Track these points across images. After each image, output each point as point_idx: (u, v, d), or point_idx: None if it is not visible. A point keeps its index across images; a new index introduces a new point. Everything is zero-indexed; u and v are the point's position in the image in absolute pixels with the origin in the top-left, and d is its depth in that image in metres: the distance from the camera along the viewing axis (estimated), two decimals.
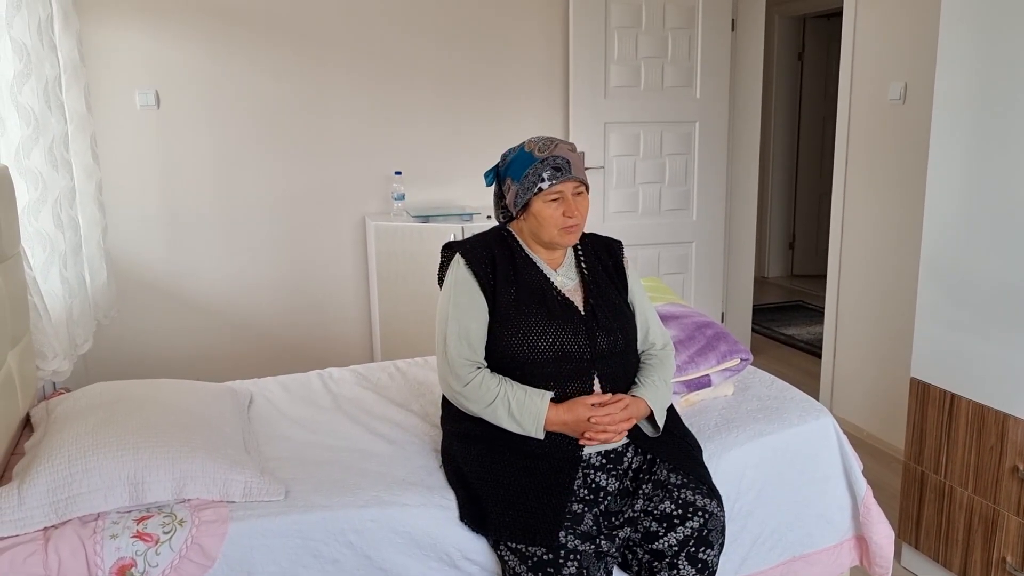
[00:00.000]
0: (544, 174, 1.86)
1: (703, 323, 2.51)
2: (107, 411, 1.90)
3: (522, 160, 1.90)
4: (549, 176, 1.85)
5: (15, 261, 2.13)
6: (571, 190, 1.89)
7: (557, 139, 1.93)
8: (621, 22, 4.16)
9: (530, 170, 1.87)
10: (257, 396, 2.45)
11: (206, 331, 3.87)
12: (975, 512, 2.35)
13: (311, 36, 3.79)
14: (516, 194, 1.90)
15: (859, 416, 3.73)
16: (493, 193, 2.03)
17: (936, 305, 2.42)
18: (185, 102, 3.66)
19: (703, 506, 1.83)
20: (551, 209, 1.87)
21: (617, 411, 1.85)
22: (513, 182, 1.91)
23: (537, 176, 1.86)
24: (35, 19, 2.50)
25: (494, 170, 2.00)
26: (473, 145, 4.15)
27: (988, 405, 2.27)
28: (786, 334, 5.28)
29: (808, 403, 2.34)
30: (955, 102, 2.31)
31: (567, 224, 1.88)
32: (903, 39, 3.35)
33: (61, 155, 2.67)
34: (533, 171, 1.86)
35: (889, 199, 3.48)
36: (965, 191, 2.30)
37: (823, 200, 6.69)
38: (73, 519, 1.67)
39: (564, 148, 1.90)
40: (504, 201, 1.98)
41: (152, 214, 3.70)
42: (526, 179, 1.87)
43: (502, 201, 1.99)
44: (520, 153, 1.92)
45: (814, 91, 6.69)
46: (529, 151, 1.90)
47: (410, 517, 1.80)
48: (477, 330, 1.90)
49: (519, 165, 1.90)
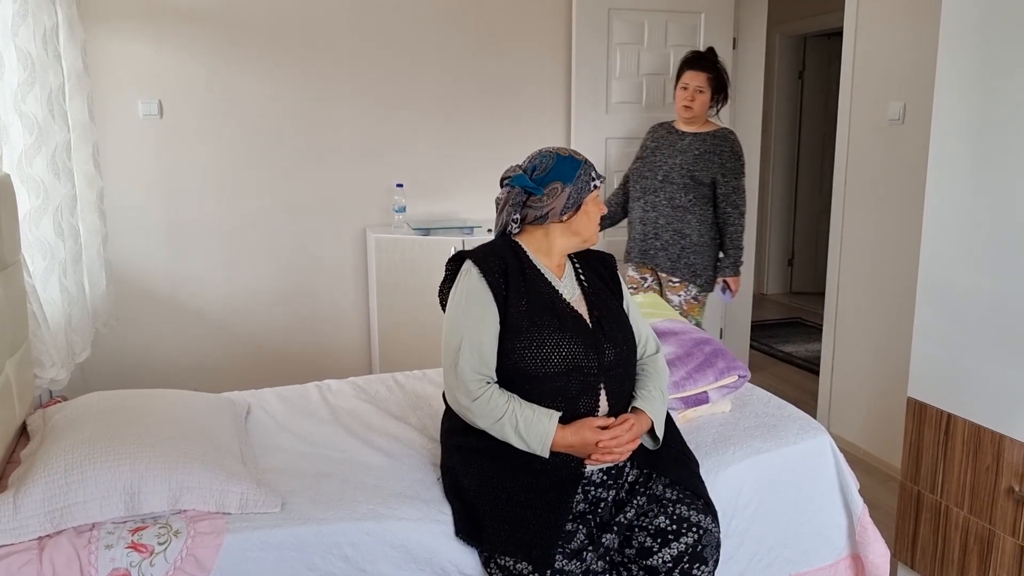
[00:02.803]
0: (592, 173, 1.96)
1: (701, 340, 2.51)
2: (104, 421, 1.90)
3: (570, 163, 1.93)
4: (595, 175, 1.96)
5: (15, 269, 2.13)
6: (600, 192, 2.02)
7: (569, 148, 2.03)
8: (623, 39, 4.18)
9: (581, 171, 1.93)
10: (255, 407, 2.45)
11: (204, 341, 3.87)
12: (971, 532, 2.35)
13: (314, 49, 3.81)
14: (569, 196, 1.91)
15: (856, 434, 3.73)
16: (505, 204, 1.96)
17: (934, 325, 2.42)
18: (188, 112, 3.67)
19: (697, 522, 1.82)
20: (596, 206, 1.98)
21: (623, 433, 1.85)
22: (565, 184, 1.91)
23: (588, 176, 1.94)
24: (40, 28, 2.51)
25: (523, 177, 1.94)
26: (474, 158, 4.16)
27: (984, 425, 2.27)
28: (784, 351, 5.28)
29: (806, 421, 2.34)
30: (954, 123, 2.33)
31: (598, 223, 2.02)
32: (902, 60, 3.37)
33: (63, 163, 2.68)
34: (584, 172, 1.93)
35: (887, 218, 3.50)
36: (963, 211, 2.31)
37: (822, 218, 6.70)
38: (68, 529, 1.67)
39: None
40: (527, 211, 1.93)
41: (153, 223, 3.70)
42: (579, 180, 1.92)
43: (522, 210, 1.94)
44: (562, 158, 1.93)
45: (814, 109, 6.72)
46: (568, 155, 1.95)
47: (406, 531, 1.80)
48: (489, 343, 1.88)
49: (568, 168, 1.92)
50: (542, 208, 1.93)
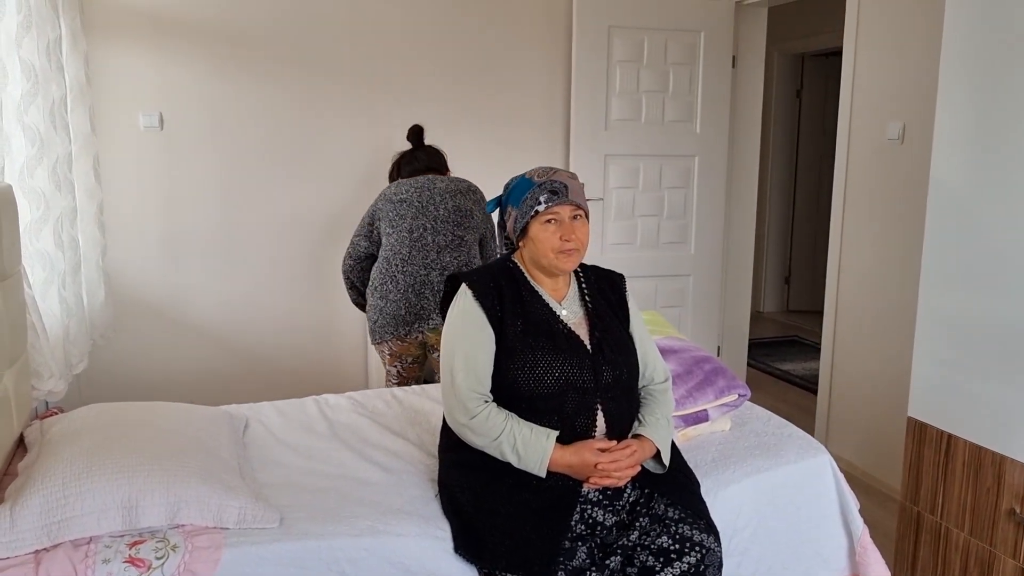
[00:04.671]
0: (540, 197, 1.88)
1: (701, 358, 2.51)
2: (102, 433, 1.89)
3: (521, 186, 1.93)
4: (545, 199, 1.88)
5: (15, 280, 2.12)
6: (568, 214, 1.90)
7: (558, 168, 1.97)
8: (623, 56, 4.20)
9: (528, 194, 1.90)
10: (253, 421, 2.44)
11: (202, 353, 3.85)
12: (971, 554, 2.34)
13: (315, 61, 3.82)
14: (515, 219, 1.93)
15: (854, 454, 3.72)
16: (497, 224, 2.05)
17: (934, 344, 2.42)
18: (188, 125, 3.68)
19: (700, 541, 1.82)
20: (547, 232, 1.89)
21: (624, 458, 1.84)
22: (513, 208, 1.94)
23: (534, 199, 1.89)
24: (44, 40, 2.52)
25: (496, 200, 2.02)
26: (474, 174, 4.13)
27: (985, 446, 2.27)
28: (781, 369, 5.28)
29: (805, 440, 2.34)
30: (955, 142, 2.34)
31: (564, 248, 1.89)
32: (902, 79, 3.39)
33: (64, 175, 2.68)
34: (531, 195, 1.89)
35: (886, 237, 3.50)
36: (964, 231, 2.32)
37: (819, 236, 6.72)
38: (65, 542, 1.66)
39: (563, 175, 1.93)
40: (507, 230, 2.00)
41: (152, 235, 3.70)
42: (524, 203, 1.90)
43: (505, 230, 2.01)
44: (520, 180, 1.96)
45: (812, 128, 6.75)
46: (528, 177, 1.94)
47: (405, 547, 1.79)
48: (485, 362, 1.89)
49: (519, 191, 1.93)
50: (507, 233, 1.99)
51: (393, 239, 3.03)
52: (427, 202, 3.03)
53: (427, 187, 3.07)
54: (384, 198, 3.10)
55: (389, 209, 3.05)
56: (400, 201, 3.03)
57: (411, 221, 3.01)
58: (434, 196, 3.04)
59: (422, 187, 3.06)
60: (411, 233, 3.01)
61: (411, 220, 3.01)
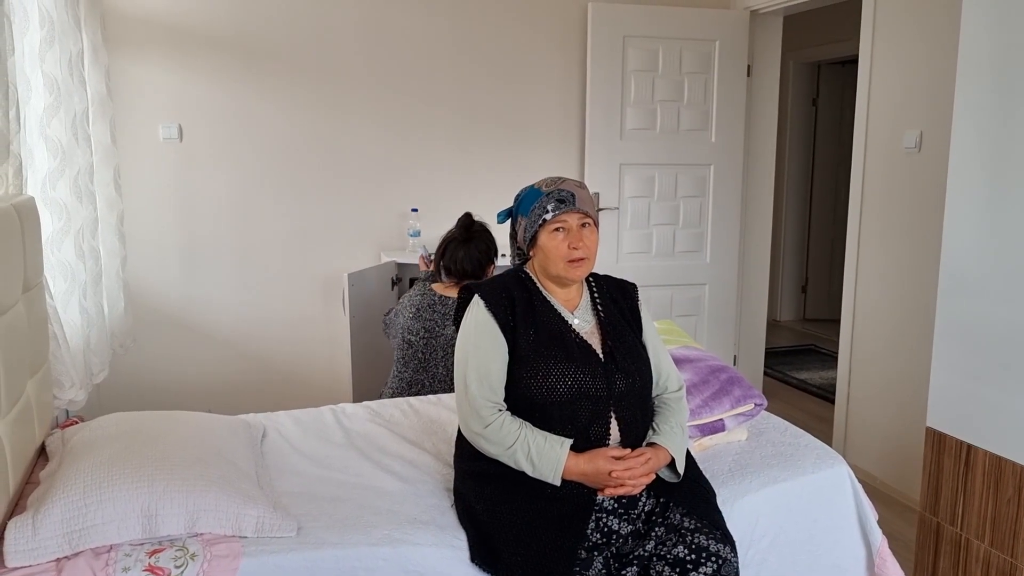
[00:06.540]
0: (548, 206, 1.91)
1: (717, 367, 2.50)
2: (123, 442, 1.90)
3: (530, 196, 1.96)
4: (553, 207, 1.90)
5: (38, 291, 2.15)
6: (576, 222, 1.92)
7: (566, 177, 1.99)
8: (638, 66, 4.21)
9: (536, 204, 1.93)
10: (270, 430, 2.45)
11: (220, 362, 3.88)
12: (992, 565, 2.32)
13: (331, 75, 3.86)
14: (524, 228, 1.96)
15: (872, 464, 3.70)
16: (509, 235, 2.08)
17: (952, 354, 2.41)
18: (207, 136, 3.72)
19: (717, 551, 1.81)
20: (556, 241, 1.91)
21: (638, 466, 1.84)
22: (523, 217, 1.97)
23: (542, 208, 1.91)
24: (67, 54, 2.55)
25: (507, 211, 2.05)
26: (489, 183, 4.19)
27: (1006, 457, 2.25)
28: (798, 378, 5.25)
29: (823, 450, 2.32)
30: (972, 151, 2.33)
31: (573, 256, 1.91)
32: (919, 87, 3.38)
33: (85, 186, 2.71)
34: (539, 204, 1.92)
35: (904, 246, 3.49)
36: (982, 239, 2.30)
37: (836, 244, 6.69)
38: (86, 550, 1.67)
39: (571, 184, 1.95)
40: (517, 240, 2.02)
41: (170, 245, 3.74)
42: (533, 212, 1.93)
43: (516, 240, 2.02)
44: (529, 191, 1.98)
45: (828, 136, 6.73)
46: (537, 187, 1.97)
47: (421, 556, 1.79)
48: (498, 371, 1.90)
49: (528, 201, 1.96)
50: (517, 243, 2.00)
51: (398, 354, 3.10)
52: (429, 357, 3.02)
53: (434, 332, 3.01)
54: (399, 323, 3.09)
55: (398, 337, 3.08)
56: (407, 342, 3.04)
57: (413, 369, 3.03)
58: (437, 352, 3.02)
59: (430, 332, 3.02)
60: (413, 373, 3.05)
61: (412, 371, 3.03)
